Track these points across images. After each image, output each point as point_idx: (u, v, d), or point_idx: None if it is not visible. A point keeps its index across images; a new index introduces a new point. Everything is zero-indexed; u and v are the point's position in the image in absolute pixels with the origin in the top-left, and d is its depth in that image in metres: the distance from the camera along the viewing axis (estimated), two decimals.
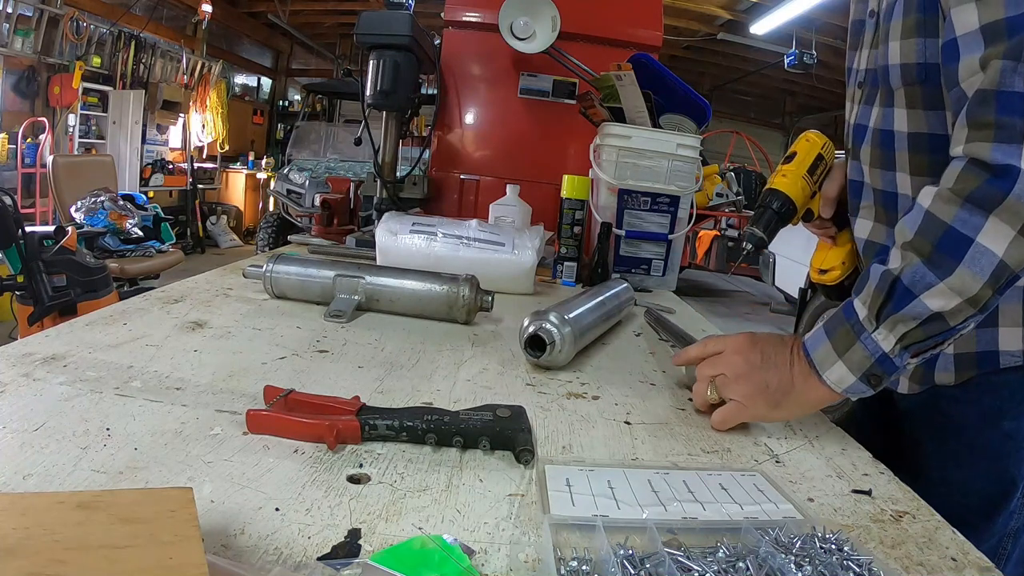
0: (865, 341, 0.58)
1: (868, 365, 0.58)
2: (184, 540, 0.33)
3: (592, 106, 1.52)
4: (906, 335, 0.57)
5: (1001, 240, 0.52)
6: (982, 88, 0.54)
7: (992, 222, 0.52)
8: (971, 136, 0.55)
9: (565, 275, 1.37)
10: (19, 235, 2.54)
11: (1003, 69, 0.53)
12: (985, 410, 0.69)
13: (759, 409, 0.64)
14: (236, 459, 0.50)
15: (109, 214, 3.98)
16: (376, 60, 1.43)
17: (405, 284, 0.96)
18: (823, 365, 0.61)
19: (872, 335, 0.58)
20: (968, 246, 0.53)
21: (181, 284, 1.02)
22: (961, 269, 0.54)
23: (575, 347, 0.81)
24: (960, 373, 0.70)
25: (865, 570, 0.40)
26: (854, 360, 0.59)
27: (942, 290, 0.55)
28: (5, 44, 5.26)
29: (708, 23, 7.60)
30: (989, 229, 0.53)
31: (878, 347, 0.58)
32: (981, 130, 0.54)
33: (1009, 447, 0.68)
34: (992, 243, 0.53)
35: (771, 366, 0.64)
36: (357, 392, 0.63)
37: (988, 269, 0.53)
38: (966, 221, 0.54)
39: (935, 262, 0.55)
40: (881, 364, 0.58)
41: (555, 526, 0.43)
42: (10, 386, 0.58)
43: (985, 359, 0.68)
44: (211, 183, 8.28)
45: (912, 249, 0.57)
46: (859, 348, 0.59)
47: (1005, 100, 0.53)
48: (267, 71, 10.15)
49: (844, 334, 0.60)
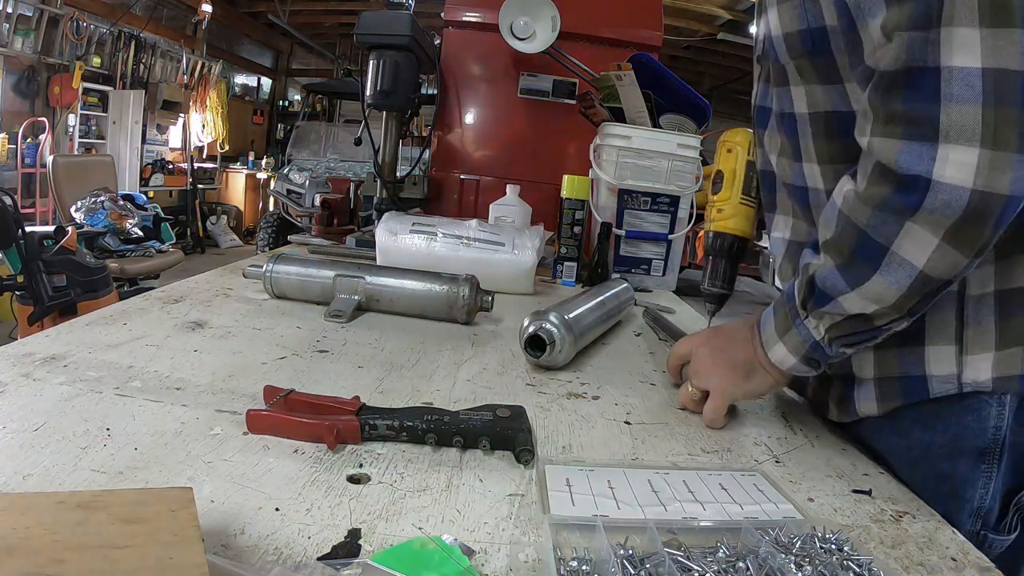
0: (799, 327, 0.58)
1: (804, 350, 0.58)
2: (184, 540, 0.33)
3: (592, 106, 1.52)
4: (831, 327, 0.56)
5: (921, 249, 0.47)
6: (887, 70, 0.46)
7: (909, 229, 0.46)
8: (876, 128, 0.47)
9: (565, 275, 1.37)
10: (19, 235, 2.54)
11: (911, 43, 0.44)
12: (915, 445, 0.58)
13: (734, 386, 0.64)
14: (236, 459, 0.50)
15: (109, 214, 3.98)
16: (376, 60, 1.43)
17: (405, 284, 0.96)
18: (768, 344, 0.61)
19: (804, 322, 0.57)
20: (883, 256, 0.48)
21: (181, 284, 1.02)
22: (876, 278, 0.49)
23: (575, 347, 0.81)
24: (884, 403, 0.59)
25: (865, 570, 0.40)
26: (792, 344, 0.59)
27: (855, 297, 0.52)
28: (5, 44, 5.26)
29: (708, 23, 7.59)
30: (906, 237, 0.47)
31: (810, 334, 0.57)
32: (888, 123, 0.46)
33: (944, 491, 0.56)
34: (910, 253, 0.47)
35: (734, 345, 0.65)
36: (357, 392, 0.62)
37: (906, 281, 0.48)
38: (878, 228, 0.48)
39: (849, 269, 0.51)
40: (815, 350, 0.58)
41: (555, 526, 0.43)
42: (10, 386, 0.58)
43: (911, 386, 0.57)
44: (211, 183, 8.28)
45: (829, 250, 0.53)
46: (795, 333, 0.58)
47: (914, 84, 0.44)
48: (267, 71, 10.14)
49: (783, 317, 0.59)
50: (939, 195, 0.44)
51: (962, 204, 0.44)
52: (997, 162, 0.42)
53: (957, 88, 0.42)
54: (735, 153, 0.80)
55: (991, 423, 0.54)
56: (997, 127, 0.42)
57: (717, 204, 0.82)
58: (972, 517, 0.56)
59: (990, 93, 0.42)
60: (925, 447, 0.57)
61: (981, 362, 0.54)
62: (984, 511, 0.55)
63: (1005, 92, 0.42)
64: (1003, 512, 0.56)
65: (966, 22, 0.42)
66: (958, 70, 0.42)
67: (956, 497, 0.56)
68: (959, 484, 0.56)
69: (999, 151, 0.42)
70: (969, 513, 0.56)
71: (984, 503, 0.55)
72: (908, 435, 0.59)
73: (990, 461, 0.55)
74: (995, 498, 0.55)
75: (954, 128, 0.43)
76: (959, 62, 0.42)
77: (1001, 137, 0.42)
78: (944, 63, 0.42)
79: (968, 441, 0.55)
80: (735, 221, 0.80)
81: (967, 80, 0.42)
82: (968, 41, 0.42)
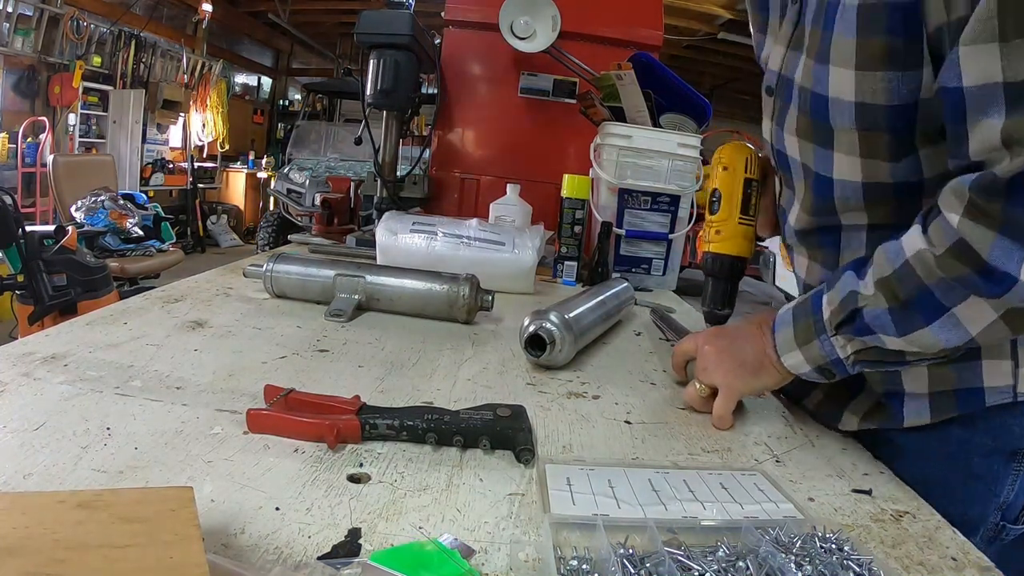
0: (823, 342, 0.58)
1: (823, 363, 0.59)
2: (184, 539, 0.33)
3: (592, 105, 1.52)
4: (861, 351, 0.57)
5: (979, 321, 0.48)
6: (1001, 176, 0.45)
7: (974, 302, 0.48)
8: (973, 212, 0.46)
9: (565, 274, 1.37)
10: (19, 234, 2.54)
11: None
12: (952, 444, 0.60)
13: (742, 382, 0.65)
14: (236, 458, 0.50)
15: (109, 213, 3.98)
16: (376, 59, 1.43)
17: (405, 283, 0.96)
18: (783, 348, 0.62)
19: (831, 338, 0.58)
20: (941, 314, 0.49)
21: (181, 283, 1.02)
22: (926, 331, 0.51)
23: (575, 346, 0.81)
24: (937, 414, 0.60)
25: (865, 570, 0.40)
26: (811, 355, 0.60)
27: (899, 341, 0.53)
28: (5, 43, 5.25)
29: (709, 22, 7.58)
30: (969, 306, 0.48)
31: (834, 351, 0.58)
32: (987, 215, 0.46)
33: (975, 488, 0.58)
34: (968, 321, 0.49)
35: (742, 342, 0.66)
36: (357, 391, 0.62)
37: (955, 341, 0.50)
38: (947, 292, 0.49)
39: (901, 315, 0.52)
40: (834, 365, 0.59)
41: (555, 525, 0.43)
42: (10, 386, 0.58)
43: (968, 398, 0.58)
44: (211, 182, 8.28)
45: (884, 289, 0.53)
46: (817, 345, 0.59)
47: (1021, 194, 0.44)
48: (267, 70, 10.14)
49: (806, 327, 0.60)
50: (1020, 292, 0.45)
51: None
52: None
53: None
54: (731, 171, 0.79)
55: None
56: None
57: (715, 225, 0.81)
58: (996, 510, 0.59)
59: None
60: (963, 444, 0.59)
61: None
62: (1007, 504, 0.58)
63: None
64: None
65: None
66: None
67: (987, 492, 0.58)
68: (991, 481, 0.58)
69: None
70: (995, 507, 0.58)
71: (1009, 497, 0.58)
72: (945, 433, 0.60)
73: (1021, 460, 0.58)
74: (1019, 493, 0.58)
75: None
76: None
77: None
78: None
79: (1007, 442, 0.58)
80: (734, 243, 0.79)
81: None
82: None
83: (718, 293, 0.81)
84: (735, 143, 0.81)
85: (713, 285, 0.82)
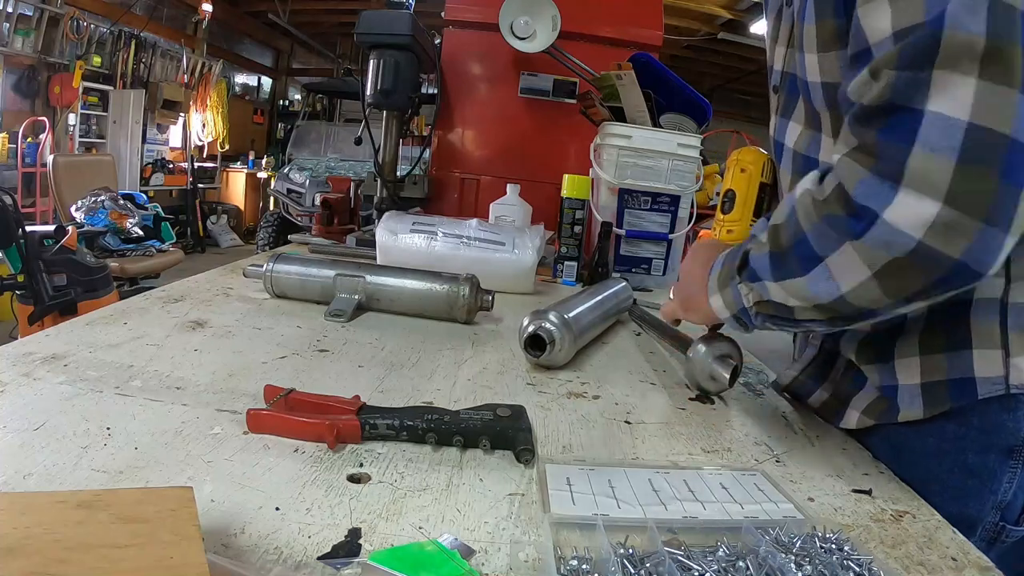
0: (734, 287, 0.59)
1: (735, 310, 0.60)
2: (184, 539, 0.33)
3: (592, 105, 1.52)
4: (759, 303, 0.57)
5: (850, 275, 0.46)
6: (869, 104, 0.44)
7: (845, 250, 0.46)
8: (848, 151, 0.46)
9: (565, 274, 1.37)
10: (19, 234, 2.54)
11: (897, 80, 0.42)
12: (947, 439, 0.59)
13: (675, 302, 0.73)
14: (236, 458, 0.50)
15: (109, 213, 3.98)
16: (376, 59, 1.43)
17: (405, 284, 0.96)
18: (711, 289, 0.63)
19: (737, 286, 0.58)
20: (814, 265, 0.48)
21: (181, 283, 1.02)
22: (800, 281, 0.50)
23: (575, 346, 0.81)
24: (930, 407, 0.58)
25: (865, 570, 0.40)
26: (726, 299, 0.60)
27: (776, 288, 0.53)
28: (5, 43, 5.26)
29: (709, 22, 7.58)
30: (841, 257, 0.46)
31: (740, 300, 0.58)
32: (859, 151, 0.45)
33: (971, 485, 0.57)
34: (840, 273, 0.47)
35: (697, 265, 0.68)
36: (357, 391, 0.62)
37: (826, 296, 0.49)
38: (819, 238, 0.48)
39: (781, 261, 0.52)
40: (743, 315, 0.59)
41: (555, 525, 0.43)
42: (10, 385, 0.58)
43: (961, 389, 0.57)
44: (211, 182, 8.28)
45: (771, 235, 0.53)
46: (730, 291, 0.59)
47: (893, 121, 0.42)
48: (267, 70, 10.14)
49: (726, 271, 0.60)
50: (883, 232, 0.43)
51: (903, 250, 0.42)
52: (956, 224, 0.40)
53: (936, 135, 0.40)
54: (748, 174, 0.79)
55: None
56: (967, 189, 0.40)
57: (727, 225, 0.82)
58: (994, 509, 0.57)
59: (969, 150, 0.39)
60: (957, 440, 0.58)
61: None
62: (1005, 504, 0.57)
63: (984, 153, 0.39)
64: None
65: (964, 70, 0.39)
66: (942, 117, 0.40)
67: (982, 489, 0.57)
68: (987, 478, 0.57)
69: (962, 214, 0.40)
70: (993, 505, 0.57)
71: (1007, 496, 0.57)
72: (941, 428, 0.59)
73: (1018, 457, 0.56)
74: (1017, 492, 0.57)
75: (919, 175, 0.41)
76: (945, 109, 0.40)
77: (968, 200, 0.40)
78: (929, 107, 0.40)
79: (1001, 437, 0.57)
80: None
81: (948, 130, 0.40)
82: (961, 90, 0.39)
83: None
84: (753, 148, 0.83)
85: None
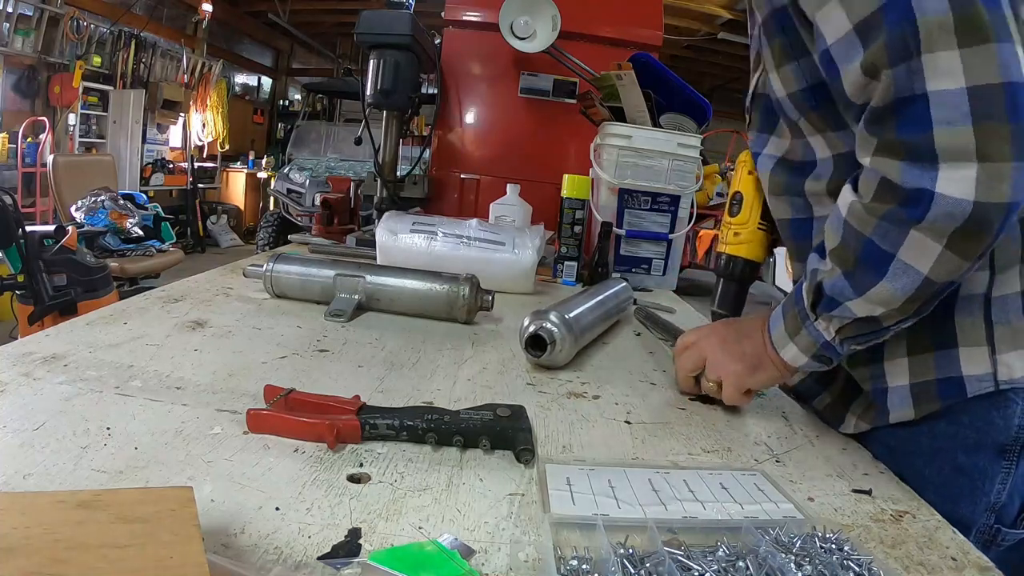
0: (809, 328, 0.60)
1: (815, 349, 0.60)
2: (184, 539, 0.33)
3: (592, 105, 1.52)
4: (841, 329, 0.58)
5: (925, 256, 0.49)
6: (878, 104, 0.48)
7: (913, 237, 0.49)
8: (877, 150, 0.50)
9: (565, 274, 1.37)
10: (19, 234, 2.54)
11: (896, 76, 0.46)
12: (939, 438, 0.59)
13: (741, 376, 0.66)
14: (236, 458, 0.50)
15: (109, 213, 3.98)
16: (376, 59, 1.43)
17: (405, 283, 0.96)
18: (779, 344, 0.63)
19: (814, 324, 0.59)
20: (889, 263, 0.51)
21: (181, 283, 1.02)
22: (882, 284, 0.52)
23: (575, 346, 0.81)
24: (920, 407, 0.60)
25: (865, 570, 0.40)
26: (803, 344, 0.61)
27: (862, 303, 0.54)
28: (5, 43, 5.26)
29: (709, 22, 7.59)
30: (911, 245, 0.49)
31: (820, 334, 0.59)
32: (888, 148, 0.49)
33: (962, 485, 0.58)
34: (915, 259, 0.49)
35: (744, 337, 0.67)
36: (357, 391, 0.62)
37: (912, 286, 0.51)
38: (885, 236, 0.50)
39: (855, 276, 0.54)
40: (826, 349, 0.60)
41: (555, 525, 0.43)
42: (10, 385, 0.58)
43: (948, 388, 0.58)
44: (211, 182, 8.28)
45: (836, 258, 0.55)
46: (805, 334, 0.60)
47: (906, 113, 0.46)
48: (267, 70, 10.14)
49: (793, 318, 0.61)
50: (942, 207, 0.46)
51: (964, 215, 0.46)
52: (994, 173, 0.45)
53: (946, 111, 0.44)
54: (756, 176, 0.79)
55: (1016, 420, 0.56)
56: (988, 142, 0.44)
57: (734, 227, 0.82)
58: (987, 511, 0.57)
59: (977, 111, 0.44)
60: (948, 439, 0.59)
61: (1014, 359, 0.56)
62: (999, 506, 0.57)
63: (990, 107, 0.44)
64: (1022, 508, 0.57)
65: (944, 46, 0.44)
66: (944, 93, 0.44)
67: (974, 490, 0.57)
68: (978, 477, 0.57)
69: (994, 163, 0.44)
70: (985, 507, 0.57)
71: (1000, 498, 0.57)
72: (932, 428, 0.60)
73: (1010, 457, 0.56)
74: (1011, 494, 0.57)
75: (949, 149, 0.45)
76: (944, 85, 0.44)
77: (993, 150, 0.44)
78: (930, 88, 0.45)
79: (992, 436, 0.57)
80: (750, 247, 0.81)
81: (953, 102, 0.44)
82: (949, 64, 0.44)
83: (728, 295, 0.82)
84: None
85: (724, 287, 0.83)
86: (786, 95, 0.63)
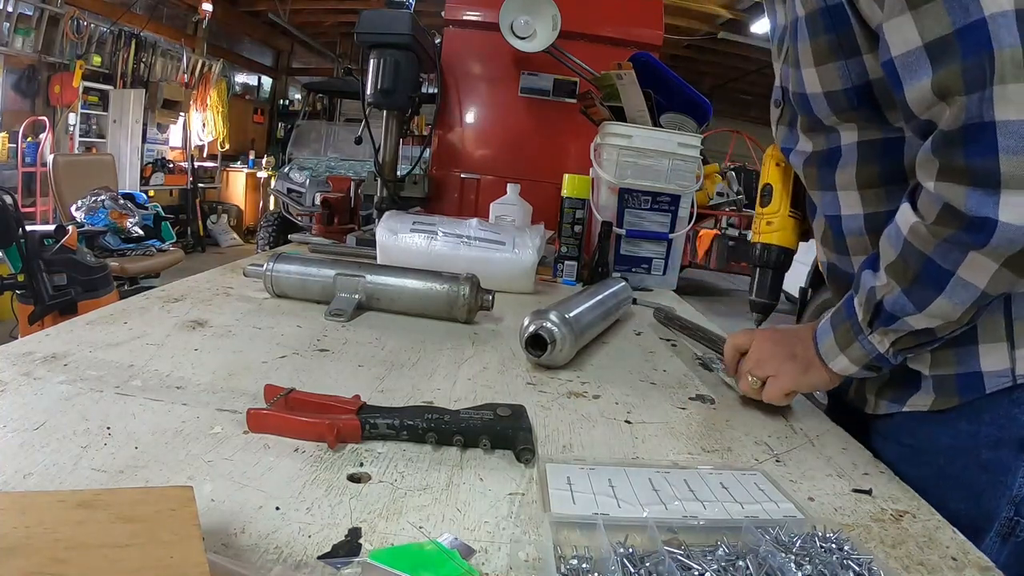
0: (862, 341, 0.61)
1: (868, 360, 0.61)
2: (184, 539, 0.33)
3: (593, 105, 1.52)
4: (897, 341, 0.59)
5: (983, 274, 0.51)
6: (948, 129, 0.49)
7: (973, 258, 0.50)
8: (941, 175, 0.50)
9: (565, 274, 1.37)
10: (19, 234, 2.54)
11: (968, 104, 0.47)
12: (961, 436, 0.62)
13: (792, 375, 0.67)
14: (236, 458, 0.50)
15: (110, 213, 3.98)
16: (376, 59, 1.43)
17: (406, 283, 0.96)
18: (828, 356, 0.64)
19: (868, 338, 0.60)
20: (948, 279, 0.52)
21: (181, 283, 1.02)
22: (941, 299, 0.53)
23: (575, 346, 0.81)
24: (940, 399, 0.62)
25: (865, 570, 0.40)
26: (855, 356, 0.62)
27: (921, 317, 0.56)
28: (6, 43, 5.26)
29: (709, 22, 7.59)
30: (970, 264, 0.51)
31: (874, 348, 0.60)
32: (953, 173, 0.49)
33: (985, 480, 0.60)
34: (973, 276, 0.51)
35: (795, 341, 0.68)
36: (358, 391, 0.62)
37: (969, 300, 0.52)
38: (946, 256, 0.52)
39: (915, 292, 0.55)
40: (878, 360, 0.61)
41: (555, 524, 0.43)
42: (10, 385, 0.58)
43: (968, 384, 0.61)
44: (212, 182, 8.28)
45: (893, 274, 0.56)
46: (858, 347, 0.61)
47: (974, 139, 0.47)
48: (268, 70, 10.14)
49: (845, 331, 0.62)
50: (1005, 234, 0.47)
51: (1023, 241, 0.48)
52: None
53: (1013, 141, 0.46)
54: (784, 167, 0.82)
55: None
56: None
57: (766, 216, 0.84)
58: (1009, 504, 0.59)
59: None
60: (970, 437, 0.61)
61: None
62: (1020, 499, 0.59)
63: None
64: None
65: (1013, 79, 0.45)
66: (1012, 123, 0.46)
67: (996, 485, 0.59)
68: (1001, 472, 0.59)
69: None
70: (1007, 500, 0.59)
71: (1021, 491, 0.59)
72: (953, 427, 0.62)
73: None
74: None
75: (1013, 177, 0.46)
76: (1012, 116, 0.46)
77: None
78: (999, 118, 0.46)
79: (1013, 431, 0.59)
80: (783, 234, 0.83)
81: (1020, 131, 0.46)
82: (1018, 96, 0.45)
83: (764, 283, 0.84)
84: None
85: (760, 275, 0.84)
86: (822, 92, 0.64)
